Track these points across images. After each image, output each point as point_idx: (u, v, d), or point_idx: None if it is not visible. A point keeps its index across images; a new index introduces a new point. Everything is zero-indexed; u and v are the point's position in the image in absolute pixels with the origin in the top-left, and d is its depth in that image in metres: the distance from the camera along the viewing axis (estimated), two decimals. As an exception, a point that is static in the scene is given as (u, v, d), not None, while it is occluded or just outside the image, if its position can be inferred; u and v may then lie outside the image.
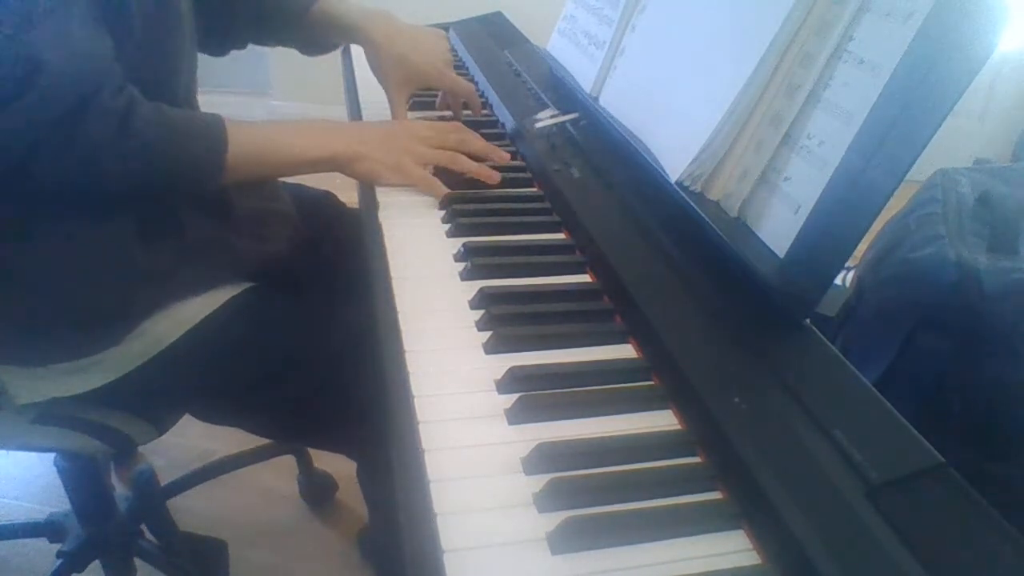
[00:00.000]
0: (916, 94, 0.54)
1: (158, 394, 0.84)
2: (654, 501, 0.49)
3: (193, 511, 1.33)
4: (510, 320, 0.65)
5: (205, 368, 0.82)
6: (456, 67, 1.29)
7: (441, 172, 0.87)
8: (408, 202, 0.84)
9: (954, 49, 0.52)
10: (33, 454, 1.43)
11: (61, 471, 1.06)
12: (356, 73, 1.26)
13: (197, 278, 0.81)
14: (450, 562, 0.44)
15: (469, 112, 1.09)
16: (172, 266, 0.78)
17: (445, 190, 0.84)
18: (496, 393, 0.57)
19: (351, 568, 1.31)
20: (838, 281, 1.40)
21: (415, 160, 0.85)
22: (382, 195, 0.84)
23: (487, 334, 0.63)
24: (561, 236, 0.80)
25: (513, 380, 0.58)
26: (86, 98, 0.65)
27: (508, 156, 0.91)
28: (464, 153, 0.88)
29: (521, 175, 0.91)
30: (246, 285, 0.85)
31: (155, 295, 0.79)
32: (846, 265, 0.72)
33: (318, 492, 1.41)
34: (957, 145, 2.52)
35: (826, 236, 0.58)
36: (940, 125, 0.52)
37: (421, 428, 0.53)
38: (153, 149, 0.70)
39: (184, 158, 0.73)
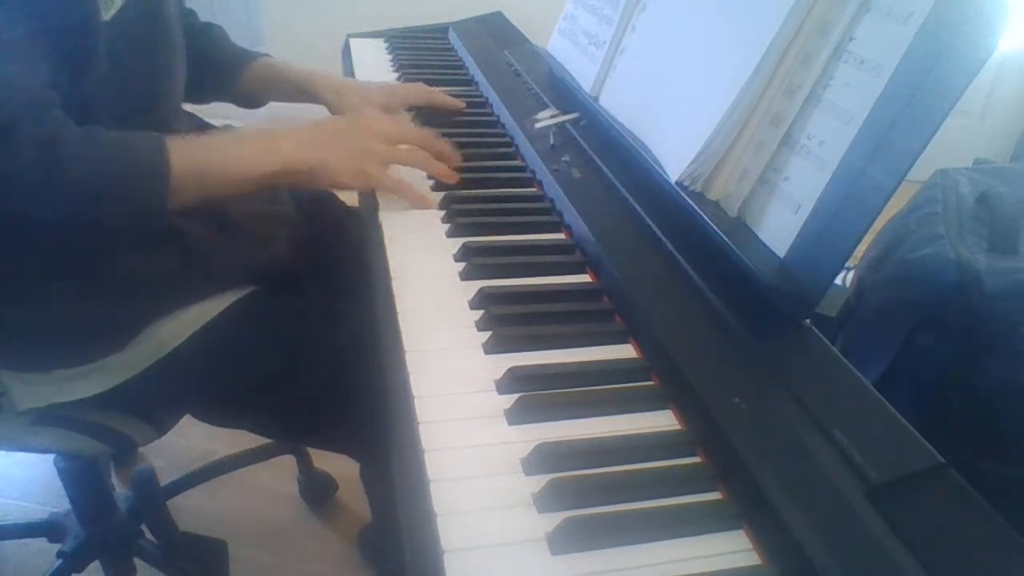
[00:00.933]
0: (916, 94, 0.54)
1: (160, 397, 0.84)
2: (654, 501, 0.49)
3: (193, 511, 1.33)
4: (510, 320, 0.65)
5: (208, 371, 0.82)
6: (456, 67, 1.30)
7: None
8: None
9: (954, 49, 0.52)
10: (33, 454, 1.43)
11: (61, 471, 1.06)
12: (356, 73, 1.26)
13: (199, 285, 0.81)
14: (450, 562, 0.44)
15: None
16: (173, 274, 0.78)
17: (418, 193, 0.81)
18: (496, 393, 0.57)
19: (351, 568, 1.30)
20: (838, 281, 1.40)
21: (378, 162, 0.80)
22: (382, 195, 0.84)
23: (487, 334, 0.63)
24: (561, 236, 0.80)
25: (513, 380, 0.58)
26: (4, 128, 0.60)
27: (460, 158, 0.87)
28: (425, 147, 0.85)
29: (521, 175, 0.91)
30: (248, 289, 0.85)
31: (157, 303, 0.79)
32: (846, 265, 0.72)
33: (318, 492, 1.41)
34: (957, 145, 2.51)
35: (826, 236, 0.58)
36: (940, 125, 0.52)
37: (421, 428, 0.53)
38: (83, 179, 0.64)
39: (121, 185, 0.67)
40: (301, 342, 0.85)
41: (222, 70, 1.03)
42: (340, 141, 0.79)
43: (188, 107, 0.94)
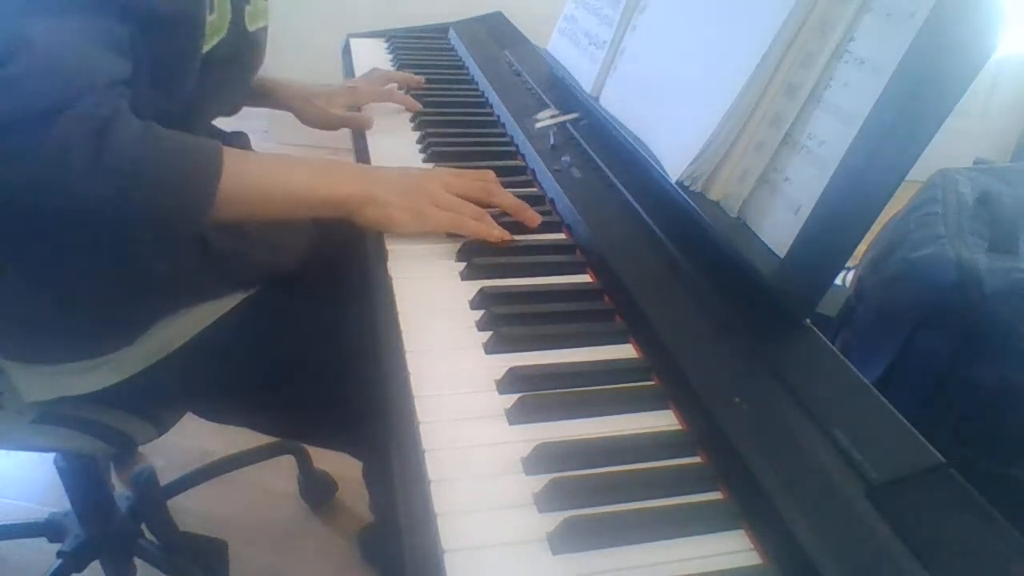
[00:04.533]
0: (916, 94, 0.54)
1: (164, 393, 0.85)
2: (654, 501, 0.49)
3: (193, 511, 1.33)
4: (510, 320, 0.65)
5: (214, 368, 0.82)
6: (456, 67, 1.30)
7: None
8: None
9: (954, 49, 0.52)
10: (33, 454, 1.43)
11: (61, 471, 1.06)
12: (356, 73, 1.26)
13: (212, 286, 0.82)
14: (450, 562, 0.44)
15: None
16: (189, 275, 0.79)
17: (479, 226, 0.75)
18: (496, 393, 0.57)
19: (351, 568, 1.30)
20: (838, 281, 1.40)
21: (435, 203, 0.76)
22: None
23: (487, 334, 0.63)
24: (561, 236, 0.80)
25: (513, 380, 0.58)
26: (67, 99, 0.60)
27: (539, 219, 0.80)
28: (489, 204, 0.79)
29: (521, 176, 0.91)
30: (256, 288, 0.86)
31: (169, 301, 0.80)
32: (846, 265, 0.72)
33: (318, 492, 1.41)
34: (957, 145, 2.51)
35: (826, 236, 0.58)
36: (940, 125, 0.52)
37: (421, 428, 0.53)
38: (133, 167, 0.63)
39: (169, 183, 0.66)
40: (306, 341, 0.85)
41: None
42: (401, 183, 0.77)
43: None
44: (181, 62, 0.71)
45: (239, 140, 0.98)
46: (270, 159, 0.77)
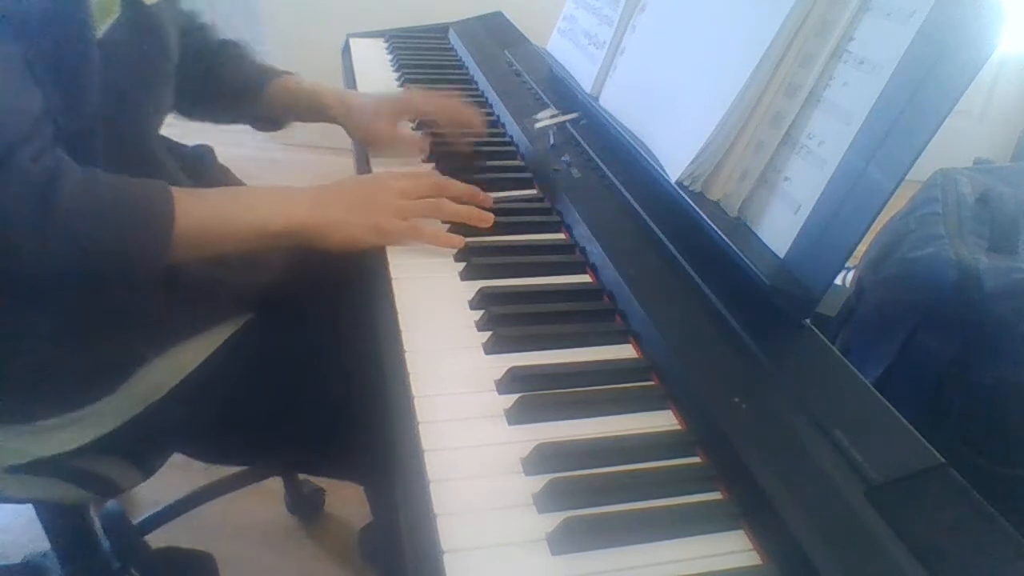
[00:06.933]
0: (916, 94, 0.54)
1: (153, 440, 0.79)
2: (654, 501, 0.49)
3: (191, 513, 1.32)
4: (510, 320, 0.65)
5: (207, 411, 0.78)
6: (456, 67, 1.30)
7: None
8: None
9: (954, 49, 0.52)
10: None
11: (38, 510, 0.95)
12: (356, 73, 1.26)
13: (193, 320, 0.78)
14: (450, 562, 0.44)
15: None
16: (163, 309, 0.74)
17: (437, 232, 0.75)
18: (496, 393, 0.57)
19: (351, 568, 1.30)
20: (838, 281, 1.40)
21: (393, 214, 0.75)
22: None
23: (487, 334, 0.63)
24: (561, 236, 0.79)
25: (513, 380, 0.57)
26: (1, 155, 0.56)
27: (491, 199, 0.81)
28: (444, 196, 0.78)
29: (521, 175, 0.91)
30: (246, 317, 0.82)
31: (147, 341, 0.75)
32: (846, 265, 0.72)
33: (306, 506, 1.37)
34: (957, 145, 2.51)
35: (826, 236, 0.58)
36: (940, 125, 0.52)
37: (421, 428, 0.53)
38: (82, 225, 0.60)
39: (121, 235, 0.63)
40: (305, 371, 0.81)
41: (237, 94, 0.96)
42: (356, 201, 0.75)
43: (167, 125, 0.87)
44: (77, 58, 0.64)
45: (201, 151, 0.93)
46: (222, 194, 0.73)
